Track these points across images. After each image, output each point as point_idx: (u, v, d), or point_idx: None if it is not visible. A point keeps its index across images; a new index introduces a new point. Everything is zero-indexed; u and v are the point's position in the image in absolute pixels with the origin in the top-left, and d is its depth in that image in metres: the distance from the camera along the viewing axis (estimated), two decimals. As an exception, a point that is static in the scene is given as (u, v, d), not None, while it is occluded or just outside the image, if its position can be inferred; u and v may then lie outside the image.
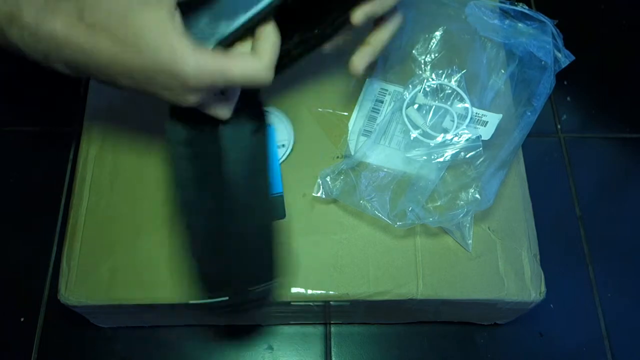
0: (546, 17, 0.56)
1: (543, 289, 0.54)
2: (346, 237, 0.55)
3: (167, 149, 0.44)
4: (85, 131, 0.59)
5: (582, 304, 0.71)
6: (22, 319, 0.68)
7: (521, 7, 0.57)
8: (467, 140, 0.53)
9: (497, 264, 0.54)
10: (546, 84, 0.54)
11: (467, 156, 0.53)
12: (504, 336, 0.68)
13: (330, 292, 0.53)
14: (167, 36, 0.34)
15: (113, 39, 0.34)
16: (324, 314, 0.63)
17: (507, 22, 0.57)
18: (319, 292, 0.53)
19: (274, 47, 0.38)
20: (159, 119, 0.57)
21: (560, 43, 0.55)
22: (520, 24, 0.57)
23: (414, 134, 0.55)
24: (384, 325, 0.68)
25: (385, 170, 0.55)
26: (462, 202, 0.53)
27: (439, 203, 0.54)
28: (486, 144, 0.55)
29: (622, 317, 0.70)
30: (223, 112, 0.41)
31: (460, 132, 0.54)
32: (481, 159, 0.54)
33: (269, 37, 0.38)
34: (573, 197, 0.78)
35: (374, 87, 0.59)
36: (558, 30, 0.56)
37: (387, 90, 0.59)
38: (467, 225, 0.54)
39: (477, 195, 0.53)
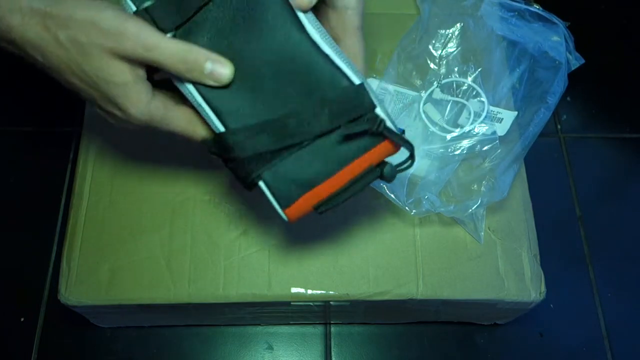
0: (559, 19, 0.57)
1: (543, 289, 0.54)
2: (346, 237, 0.55)
3: None
4: (85, 131, 0.59)
5: (582, 304, 0.71)
6: (22, 319, 0.68)
7: (535, 8, 0.58)
8: (483, 134, 0.54)
9: (497, 264, 0.54)
10: (560, 83, 0.55)
11: (484, 149, 0.54)
12: (504, 336, 0.68)
13: (330, 292, 0.53)
14: (126, 80, 0.36)
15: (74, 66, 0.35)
16: (324, 314, 0.63)
17: (522, 21, 0.58)
18: (319, 292, 0.53)
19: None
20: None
21: (571, 45, 0.56)
22: (534, 24, 0.58)
23: (432, 128, 0.56)
24: (384, 325, 0.68)
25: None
26: (476, 193, 0.54)
27: (453, 194, 0.55)
28: (501, 139, 0.55)
29: (622, 317, 0.70)
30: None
31: (476, 127, 0.55)
32: (497, 152, 0.54)
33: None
34: (573, 197, 0.78)
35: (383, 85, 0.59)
36: (569, 32, 0.56)
37: (401, 93, 0.59)
38: (480, 217, 0.54)
39: (492, 187, 0.53)
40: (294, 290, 0.53)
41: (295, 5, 0.37)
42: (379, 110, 0.37)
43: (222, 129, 0.37)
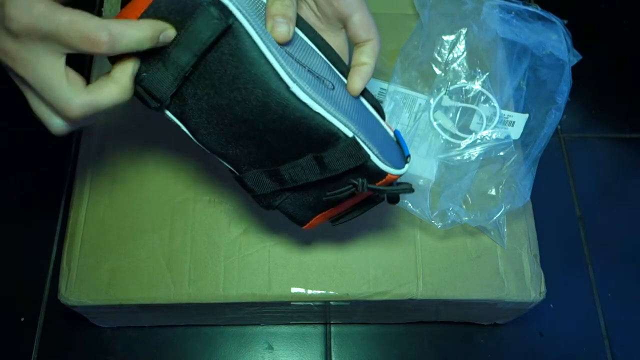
0: (556, 17, 0.57)
1: (543, 289, 0.54)
2: (346, 237, 0.55)
3: None
4: (85, 131, 0.59)
5: (582, 304, 0.71)
6: (22, 319, 0.68)
7: (533, 7, 0.58)
8: (497, 138, 0.54)
9: (497, 264, 0.54)
10: (567, 82, 0.55)
11: (500, 154, 0.54)
12: (504, 336, 0.68)
13: (330, 292, 0.53)
14: (55, 77, 0.33)
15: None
16: (324, 314, 0.63)
17: (522, 22, 0.58)
18: (319, 292, 0.53)
19: (128, 72, 0.37)
20: (159, 120, 0.57)
21: (569, 42, 0.56)
22: (534, 24, 0.58)
23: (445, 136, 0.56)
24: (384, 325, 0.68)
25: (421, 179, 0.55)
26: (497, 200, 0.54)
27: (473, 202, 0.54)
28: (516, 143, 0.55)
29: (622, 317, 0.70)
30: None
31: (490, 132, 0.55)
32: (514, 157, 0.54)
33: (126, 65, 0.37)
34: (573, 197, 0.78)
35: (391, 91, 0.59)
36: (567, 29, 0.56)
37: (407, 95, 0.59)
38: (502, 222, 0.54)
39: (514, 193, 0.53)
40: (294, 290, 0.53)
41: (275, 39, 0.38)
42: (373, 158, 0.39)
43: (237, 173, 0.42)
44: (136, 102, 0.41)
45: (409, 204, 0.53)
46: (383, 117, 0.48)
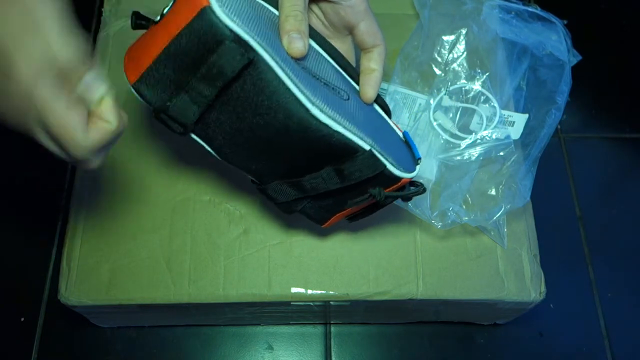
0: (556, 17, 0.57)
1: (543, 289, 0.54)
2: (346, 237, 0.55)
3: None
4: (85, 131, 0.59)
5: (582, 304, 0.71)
6: (22, 319, 0.68)
7: (533, 8, 0.58)
8: (497, 138, 0.54)
9: (497, 264, 0.54)
10: (567, 82, 0.55)
11: (500, 154, 0.54)
12: (504, 336, 0.68)
13: (330, 292, 0.53)
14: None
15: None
16: (324, 314, 0.63)
17: (522, 22, 0.58)
18: (319, 292, 0.53)
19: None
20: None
21: (569, 43, 0.56)
22: (534, 24, 0.58)
23: (445, 136, 0.56)
24: (384, 325, 0.68)
25: (421, 179, 0.55)
26: (497, 200, 0.54)
27: (473, 202, 0.55)
28: (516, 143, 0.55)
29: (622, 317, 0.70)
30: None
31: (490, 132, 0.55)
32: (514, 157, 0.55)
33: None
34: (573, 197, 0.78)
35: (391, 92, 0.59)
36: (567, 30, 0.56)
37: (407, 95, 0.59)
38: (502, 222, 0.54)
39: (514, 193, 0.53)
40: (294, 290, 0.53)
41: (290, 54, 0.40)
42: (389, 166, 0.41)
43: (260, 184, 0.45)
44: (136, 102, 0.41)
45: (409, 204, 0.53)
46: (390, 116, 0.49)
